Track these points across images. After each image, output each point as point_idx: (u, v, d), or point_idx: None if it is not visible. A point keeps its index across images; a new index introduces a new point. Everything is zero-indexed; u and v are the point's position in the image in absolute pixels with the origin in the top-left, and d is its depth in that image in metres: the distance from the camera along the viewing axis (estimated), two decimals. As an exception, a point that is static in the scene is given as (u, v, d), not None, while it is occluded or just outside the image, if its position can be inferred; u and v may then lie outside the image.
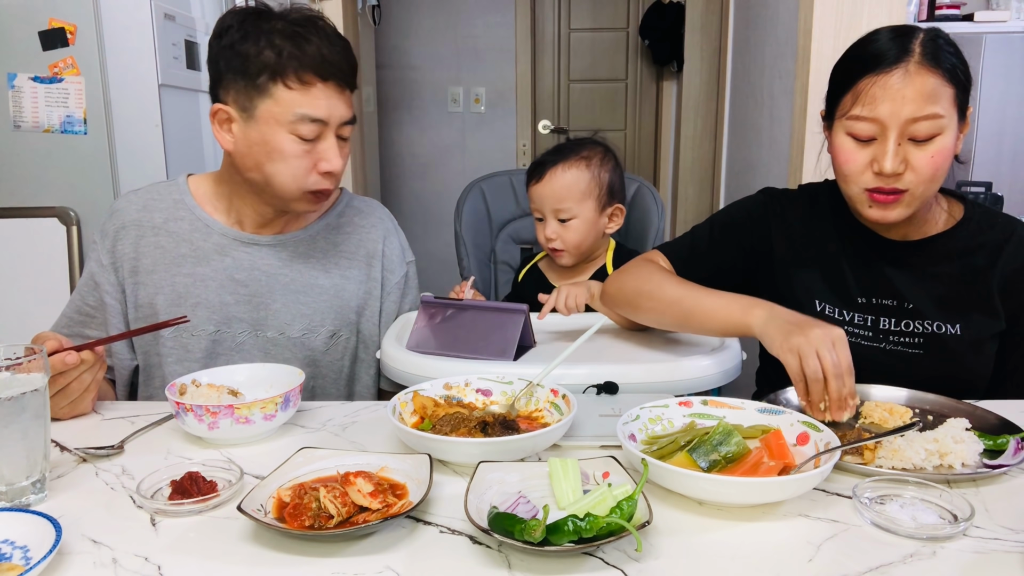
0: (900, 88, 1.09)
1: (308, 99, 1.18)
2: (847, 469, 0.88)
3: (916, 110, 1.08)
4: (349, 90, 1.24)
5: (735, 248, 1.33)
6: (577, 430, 0.98)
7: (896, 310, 1.22)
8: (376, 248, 1.41)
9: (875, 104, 1.10)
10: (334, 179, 1.25)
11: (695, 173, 3.77)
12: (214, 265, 1.31)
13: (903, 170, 1.11)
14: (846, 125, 1.14)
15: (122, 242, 1.31)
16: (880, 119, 1.10)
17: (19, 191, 2.12)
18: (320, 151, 1.21)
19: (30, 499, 0.83)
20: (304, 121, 1.18)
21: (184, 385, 1.05)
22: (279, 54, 1.16)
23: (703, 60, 3.59)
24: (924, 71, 1.09)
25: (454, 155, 4.47)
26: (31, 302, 2.13)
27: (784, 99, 2.33)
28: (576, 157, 1.58)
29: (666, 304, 1.21)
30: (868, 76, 1.11)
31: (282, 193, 1.24)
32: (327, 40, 1.19)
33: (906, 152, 1.10)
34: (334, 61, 1.19)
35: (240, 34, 1.18)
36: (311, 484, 0.81)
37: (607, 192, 1.61)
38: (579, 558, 0.71)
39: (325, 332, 1.35)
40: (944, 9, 2.64)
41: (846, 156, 1.15)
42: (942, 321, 1.19)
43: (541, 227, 1.62)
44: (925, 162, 1.10)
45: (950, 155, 1.13)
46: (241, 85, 1.19)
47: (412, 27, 4.36)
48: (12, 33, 2.06)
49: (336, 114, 1.21)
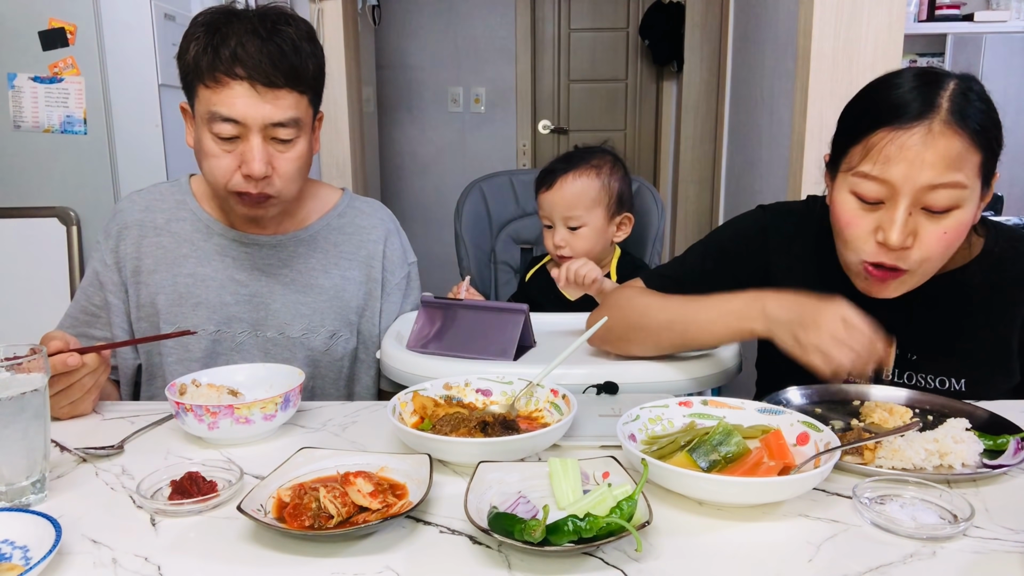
0: (920, 150, 0.93)
1: (220, 98, 1.14)
2: (847, 469, 0.88)
3: (935, 176, 0.93)
4: (291, 90, 1.16)
5: (729, 279, 1.16)
6: (577, 430, 0.98)
7: (897, 360, 1.09)
8: (377, 249, 1.40)
9: (888, 164, 0.95)
10: (259, 183, 1.18)
11: (695, 173, 3.77)
12: (215, 265, 1.31)
13: (911, 244, 0.96)
14: (851, 182, 1.00)
15: (124, 242, 1.32)
16: (892, 182, 0.95)
17: (19, 191, 2.12)
18: (241, 152, 1.17)
19: (30, 499, 0.83)
20: (216, 120, 1.15)
21: (184, 385, 1.05)
22: (198, 52, 1.15)
23: (703, 60, 3.59)
24: (950, 132, 0.93)
25: (454, 155, 4.47)
26: (31, 302, 2.13)
27: (784, 99, 2.33)
28: (587, 165, 1.59)
29: (658, 331, 1.13)
30: (883, 129, 0.96)
31: (216, 192, 1.24)
32: (252, 37, 1.13)
33: (916, 224, 0.96)
34: (249, 59, 1.13)
35: (188, 36, 1.18)
36: (311, 484, 0.81)
37: (616, 201, 1.61)
38: (579, 558, 0.71)
39: (325, 332, 1.35)
40: (944, 9, 2.64)
41: (848, 219, 1.01)
42: (946, 376, 1.09)
43: (550, 234, 1.62)
44: (935, 239, 0.96)
45: (965, 231, 0.98)
46: (183, 85, 1.21)
47: (412, 27, 4.36)
48: (12, 33, 2.06)
49: (255, 115, 1.14)
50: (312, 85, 1.22)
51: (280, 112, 1.16)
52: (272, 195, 1.21)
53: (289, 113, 1.17)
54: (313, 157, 1.28)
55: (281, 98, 1.16)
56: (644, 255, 1.86)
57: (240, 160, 1.17)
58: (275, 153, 1.19)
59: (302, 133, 1.21)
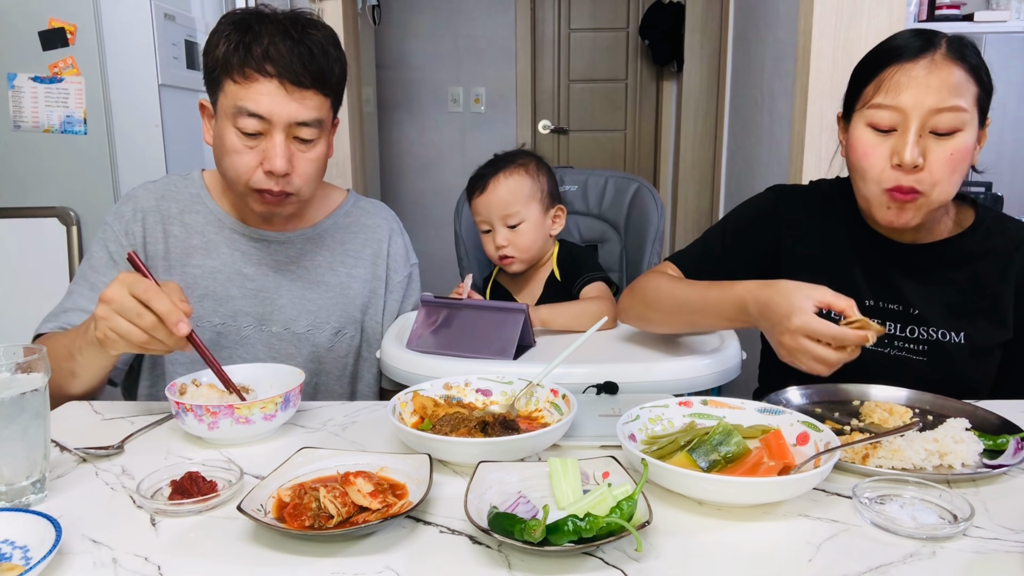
0: (925, 77, 1.07)
1: (248, 93, 1.16)
2: (847, 469, 0.88)
3: (939, 100, 1.06)
4: (316, 92, 1.19)
5: (749, 252, 1.31)
6: (577, 430, 0.98)
7: (902, 315, 1.20)
8: (381, 247, 1.43)
9: (898, 91, 1.08)
10: (280, 180, 1.20)
11: (695, 173, 3.77)
12: (223, 258, 1.32)
13: (922, 164, 1.08)
14: (866, 115, 1.12)
15: (137, 224, 1.31)
16: (902, 107, 1.08)
17: (19, 191, 2.12)
18: (264, 149, 1.19)
19: (30, 499, 0.83)
20: (243, 115, 1.16)
21: (184, 385, 1.05)
22: (228, 49, 1.16)
23: (703, 60, 3.59)
24: (950, 63, 1.07)
25: (454, 155, 4.47)
26: (31, 302, 2.11)
27: (784, 99, 2.33)
28: (514, 165, 1.63)
29: (674, 310, 1.22)
30: (892, 65, 1.09)
31: (234, 189, 1.25)
32: (283, 38, 1.16)
33: (925, 147, 1.08)
34: (280, 58, 1.15)
35: (218, 33, 1.19)
36: (311, 484, 0.81)
37: (548, 195, 1.66)
38: (579, 558, 0.71)
39: (330, 329, 1.36)
40: (944, 9, 2.63)
41: (865, 149, 1.12)
42: (947, 329, 1.18)
43: (489, 238, 1.65)
44: (944, 160, 1.07)
45: (968, 157, 1.10)
46: (208, 80, 1.22)
47: (412, 27, 4.36)
48: (12, 33, 2.06)
49: (281, 112, 1.16)
50: (335, 89, 1.24)
51: (305, 112, 1.18)
52: (292, 193, 1.23)
53: (314, 113, 1.19)
54: None
55: (307, 98, 1.18)
56: (644, 255, 1.86)
57: (262, 157, 1.19)
58: (296, 152, 1.20)
59: (323, 135, 1.23)
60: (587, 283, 1.56)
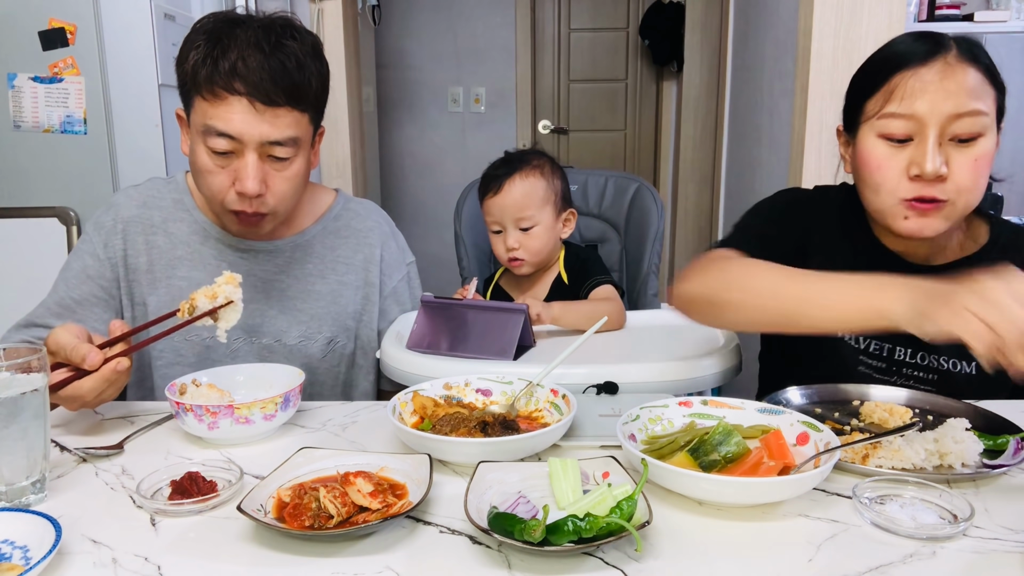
0: (940, 81, 0.99)
1: (217, 112, 1.10)
2: (847, 469, 0.88)
3: (958, 105, 0.98)
4: (291, 108, 1.13)
5: (800, 229, 1.16)
6: (577, 430, 0.98)
7: (912, 340, 0.98)
8: (374, 253, 1.39)
9: (913, 99, 1.00)
10: (254, 201, 1.15)
11: (695, 173, 3.77)
12: (210, 270, 1.27)
13: (945, 173, 0.99)
14: (877, 126, 1.04)
15: (117, 236, 1.28)
16: (918, 115, 1.00)
17: (19, 191, 2.12)
18: (235, 169, 1.13)
19: (30, 499, 0.83)
20: (212, 134, 1.11)
21: (184, 385, 1.05)
22: (197, 62, 1.11)
23: (703, 60, 3.59)
24: (964, 65, 0.99)
25: (454, 155, 4.47)
26: (31, 302, 2.11)
27: (784, 99, 2.33)
28: (529, 167, 1.61)
29: (762, 298, 0.99)
30: (901, 71, 1.02)
31: (212, 208, 1.22)
32: (255, 51, 1.09)
33: (947, 154, 1.00)
34: (250, 75, 1.08)
35: (188, 43, 1.14)
36: (311, 484, 0.81)
37: (561, 198, 1.64)
38: (579, 558, 0.71)
39: (322, 339, 1.33)
40: (944, 9, 2.63)
41: (878, 162, 1.03)
42: (957, 359, 1.11)
43: (499, 240, 1.63)
44: (968, 167, 1.00)
45: (991, 161, 1.02)
46: (180, 92, 1.18)
47: (412, 27, 4.36)
48: (12, 33, 2.06)
49: (252, 132, 1.10)
50: (314, 103, 1.18)
51: (277, 131, 1.12)
52: (266, 213, 1.18)
53: (287, 132, 1.13)
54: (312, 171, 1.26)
55: (280, 117, 1.12)
56: (644, 255, 1.86)
57: (234, 176, 1.14)
58: (271, 171, 1.15)
59: (300, 152, 1.18)
60: (596, 286, 1.55)
